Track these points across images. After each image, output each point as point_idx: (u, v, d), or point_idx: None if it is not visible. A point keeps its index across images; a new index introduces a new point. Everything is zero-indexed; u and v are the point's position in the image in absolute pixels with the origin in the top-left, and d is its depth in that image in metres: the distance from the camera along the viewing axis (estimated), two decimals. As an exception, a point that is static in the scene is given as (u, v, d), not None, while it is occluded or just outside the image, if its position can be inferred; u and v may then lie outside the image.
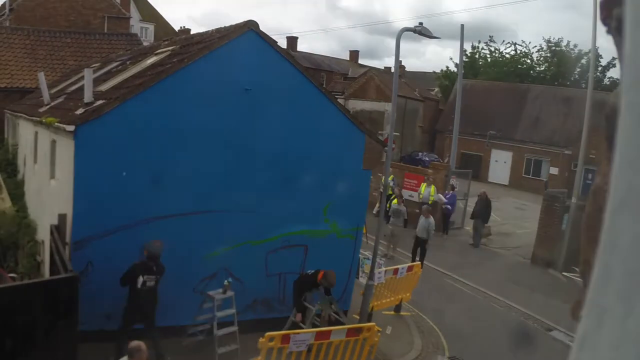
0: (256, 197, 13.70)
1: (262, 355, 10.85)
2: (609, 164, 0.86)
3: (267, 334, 10.82)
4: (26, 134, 19.90)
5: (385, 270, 15.84)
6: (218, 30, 15.24)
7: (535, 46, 71.79)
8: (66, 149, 12.69)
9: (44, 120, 14.47)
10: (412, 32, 15.03)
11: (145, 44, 34.91)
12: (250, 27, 13.15)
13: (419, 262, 18.26)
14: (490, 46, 71.61)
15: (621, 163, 0.69)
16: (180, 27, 61.30)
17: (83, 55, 31.56)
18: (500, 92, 56.09)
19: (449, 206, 27.61)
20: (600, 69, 56.51)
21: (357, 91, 48.88)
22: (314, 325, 13.09)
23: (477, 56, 70.78)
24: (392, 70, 23.18)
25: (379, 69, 62.45)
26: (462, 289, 19.82)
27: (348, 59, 70.20)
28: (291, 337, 11.13)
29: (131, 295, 11.68)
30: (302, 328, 12.62)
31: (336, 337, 11.92)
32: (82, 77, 15.77)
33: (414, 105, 56.44)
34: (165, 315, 13.01)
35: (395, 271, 16.18)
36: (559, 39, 69.08)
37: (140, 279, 11.52)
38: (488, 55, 71.44)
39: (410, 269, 16.64)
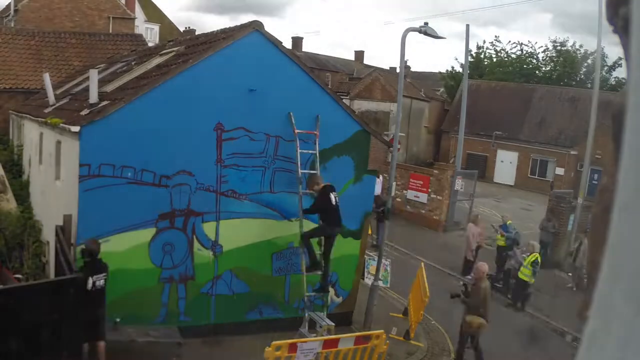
0: (262, 198, 13.71)
1: None
2: (615, 164, 0.85)
3: (274, 343, 10.58)
4: (31, 135, 19.94)
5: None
6: (223, 30, 15.26)
7: (541, 46, 71.62)
8: (71, 150, 12.71)
9: (49, 121, 14.50)
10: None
11: (150, 44, 34.94)
12: (255, 28, 13.16)
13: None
14: (496, 46, 71.58)
15: (628, 163, 0.69)
16: (185, 28, 61.35)
17: (88, 56, 31.58)
18: (505, 92, 56.01)
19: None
20: (606, 68, 56.39)
21: (363, 91, 48.80)
22: None
23: (482, 56, 70.67)
24: (398, 70, 23.15)
25: (384, 69, 62.32)
26: (468, 289, 19.78)
27: (353, 59, 70.20)
28: (298, 346, 10.92)
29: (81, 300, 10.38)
30: None
31: (344, 346, 11.77)
32: (87, 78, 15.80)
33: (420, 105, 56.36)
34: (172, 316, 13.07)
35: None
36: (564, 38, 69.08)
37: (90, 281, 10.44)
38: (494, 56, 71.36)
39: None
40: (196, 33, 35.96)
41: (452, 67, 69.69)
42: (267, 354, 10.36)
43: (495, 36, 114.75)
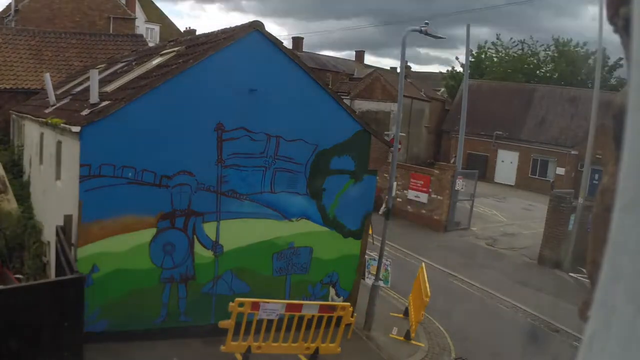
0: (262, 198, 13.71)
1: (232, 318, 11.21)
2: (616, 164, 0.85)
3: (237, 299, 11.15)
4: (32, 135, 19.94)
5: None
6: (223, 30, 15.25)
7: (542, 45, 71.31)
8: (72, 150, 12.72)
9: (49, 121, 14.50)
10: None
11: (150, 44, 34.92)
12: (255, 28, 13.16)
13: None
14: (497, 45, 71.46)
15: (629, 163, 0.69)
16: (186, 28, 61.36)
17: (88, 56, 31.59)
18: (506, 92, 55.94)
19: None
20: (607, 68, 56.27)
21: (363, 91, 48.76)
22: None
23: (483, 56, 70.57)
24: (398, 70, 23.16)
25: (384, 69, 62.35)
26: (469, 289, 19.79)
27: (354, 59, 70.16)
28: (261, 305, 11.28)
29: None
30: None
31: (308, 311, 12.00)
32: (88, 78, 15.80)
33: (420, 105, 56.32)
34: (173, 316, 13.07)
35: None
36: (565, 38, 68.86)
37: None
38: (494, 55, 71.24)
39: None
40: (197, 33, 35.93)
41: (453, 67, 69.73)
42: (231, 308, 10.66)
43: (497, 34, 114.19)
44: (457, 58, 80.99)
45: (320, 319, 12.50)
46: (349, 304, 12.93)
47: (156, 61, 16.05)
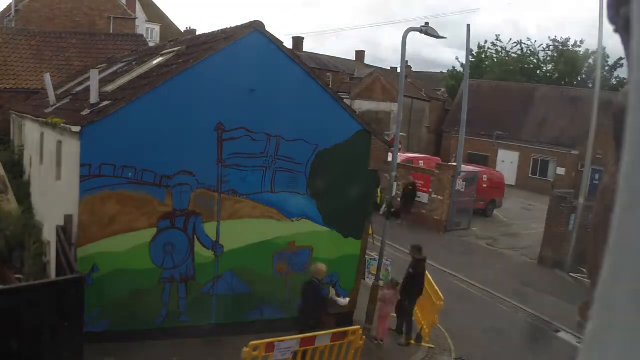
0: (263, 198, 13.71)
1: None
2: (616, 164, 0.85)
3: (251, 343, 10.60)
4: (32, 135, 19.94)
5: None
6: (224, 30, 15.25)
7: (542, 44, 71.42)
8: (72, 150, 12.71)
9: (49, 121, 14.49)
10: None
11: (151, 44, 34.94)
12: (255, 28, 13.16)
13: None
14: (497, 46, 71.48)
15: (629, 163, 0.69)
16: (186, 28, 61.34)
17: (89, 56, 31.57)
18: (506, 92, 55.95)
19: None
20: (607, 68, 56.23)
21: (364, 91, 48.81)
22: None
23: (483, 56, 70.59)
24: (399, 70, 23.16)
25: (385, 69, 62.32)
26: (469, 289, 19.79)
27: (354, 59, 70.17)
28: (275, 345, 10.95)
29: None
30: None
31: (321, 343, 11.78)
32: (88, 78, 15.81)
33: (421, 105, 56.38)
34: (173, 316, 13.07)
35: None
36: (566, 38, 68.92)
37: None
38: (495, 55, 71.26)
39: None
40: (197, 33, 35.92)
41: (453, 67, 69.73)
42: (245, 355, 10.37)
43: (497, 35, 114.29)
44: (457, 58, 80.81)
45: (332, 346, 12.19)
46: (358, 327, 12.68)
47: (156, 61, 16.06)
